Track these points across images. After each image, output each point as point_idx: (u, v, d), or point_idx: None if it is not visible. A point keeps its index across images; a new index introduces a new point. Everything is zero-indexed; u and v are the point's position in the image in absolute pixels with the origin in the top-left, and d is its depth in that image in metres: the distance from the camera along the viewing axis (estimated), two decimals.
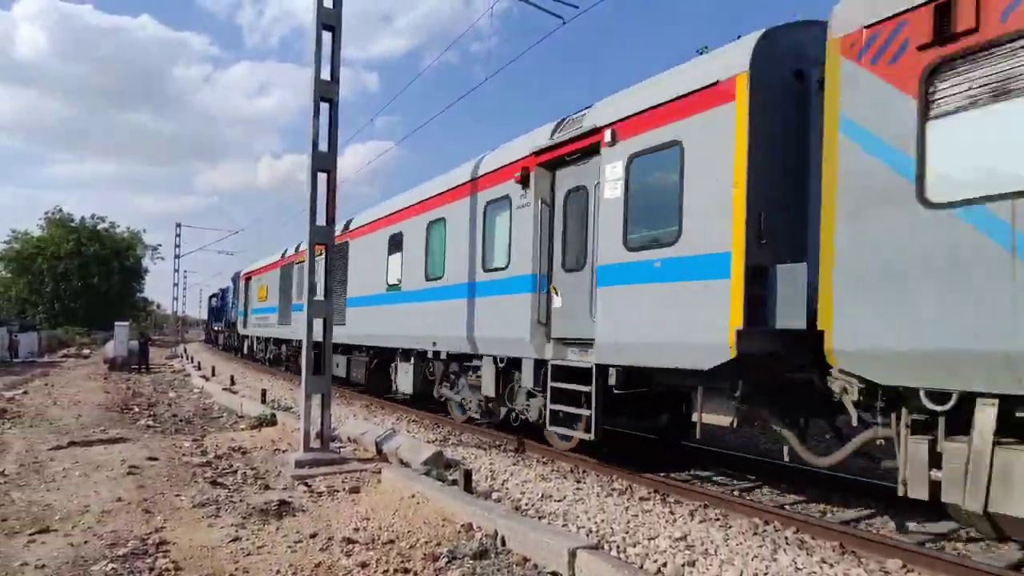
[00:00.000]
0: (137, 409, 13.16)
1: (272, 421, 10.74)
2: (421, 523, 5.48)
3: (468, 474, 6.46)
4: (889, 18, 4.62)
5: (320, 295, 8.40)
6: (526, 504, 6.26)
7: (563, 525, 5.55)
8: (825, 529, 5.47)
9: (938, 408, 4.42)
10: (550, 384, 7.80)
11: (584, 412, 7.34)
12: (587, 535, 5.25)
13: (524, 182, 8.38)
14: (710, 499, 6.46)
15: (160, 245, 65.96)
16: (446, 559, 4.70)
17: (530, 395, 8.62)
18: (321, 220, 8.14)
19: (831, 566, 4.72)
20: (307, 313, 7.99)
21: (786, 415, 6.02)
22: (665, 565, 4.71)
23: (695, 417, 6.44)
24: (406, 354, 12.03)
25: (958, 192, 4.22)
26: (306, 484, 6.83)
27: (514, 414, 9.16)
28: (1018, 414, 4.12)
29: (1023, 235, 3.90)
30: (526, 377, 8.44)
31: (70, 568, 4.46)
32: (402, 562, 4.64)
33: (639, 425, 9.20)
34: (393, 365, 12.76)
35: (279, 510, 5.85)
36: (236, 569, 4.53)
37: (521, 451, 9.09)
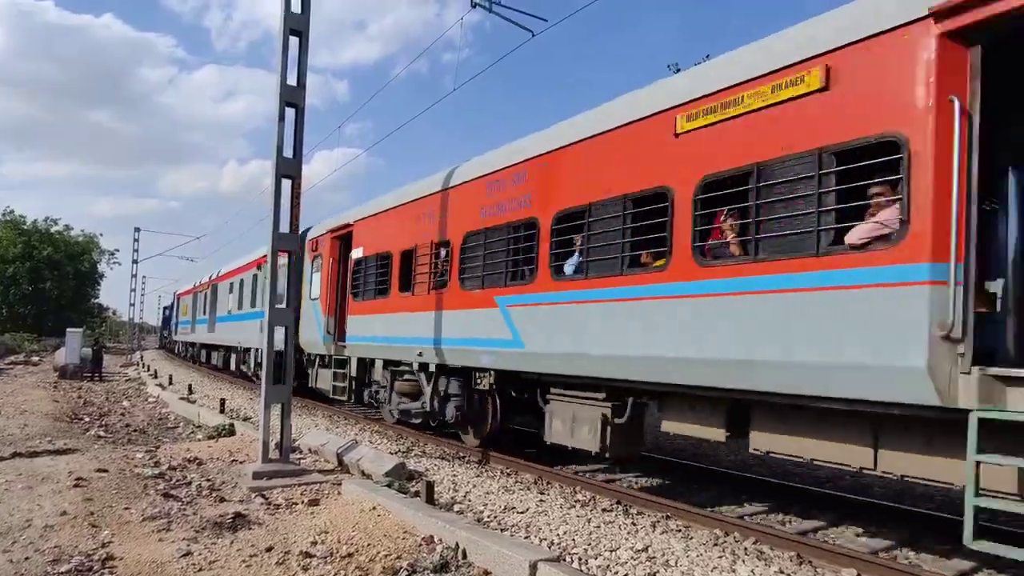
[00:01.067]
0: (87, 419, 12.70)
1: (230, 431, 10.47)
2: (382, 536, 5.39)
3: (431, 486, 6.39)
4: None
5: (283, 303, 8.24)
6: (489, 516, 6.21)
7: (525, 537, 5.52)
8: (783, 539, 5.55)
9: None
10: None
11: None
12: (549, 547, 5.23)
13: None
14: (672, 510, 6.51)
15: (118, 250, 63.92)
16: (406, 573, 4.63)
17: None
18: (285, 227, 8.01)
19: None
20: (268, 320, 7.83)
21: None
22: None
23: None
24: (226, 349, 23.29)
25: None
26: (263, 496, 6.66)
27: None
28: None
29: None
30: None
31: None
32: None
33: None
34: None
35: (234, 523, 5.68)
36: None
37: (485, 462, 9.03)
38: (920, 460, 4.63)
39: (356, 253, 12.29)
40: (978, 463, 4.01)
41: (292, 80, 7.95)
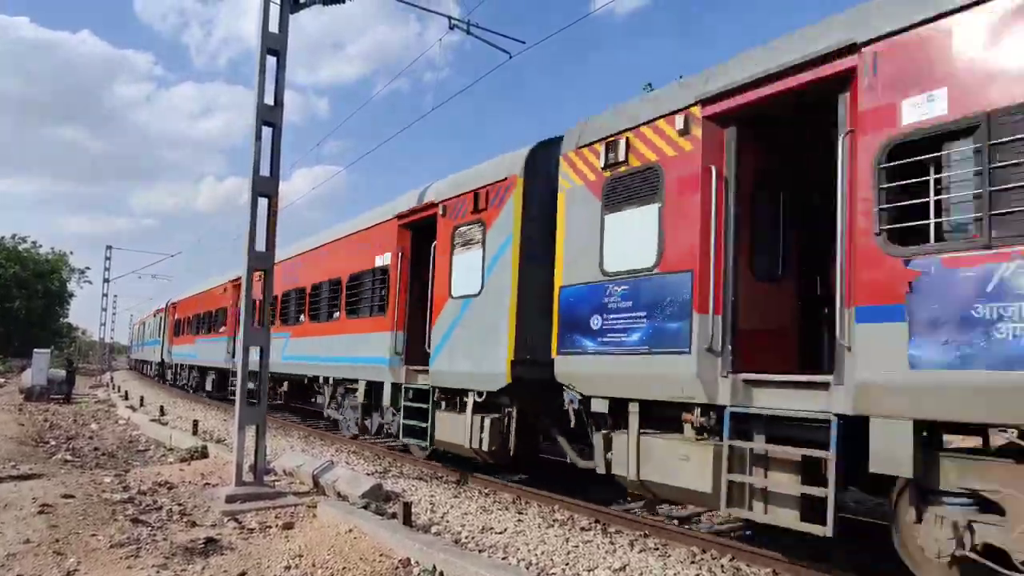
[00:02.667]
0: (54, 442, 12.35)
1: (203, 454, 10.25)
2: (357, 559, 5.31)
3: (408, 507, 6.32)
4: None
5: (258, 324, 8.14)
6: (466, 537, 6.15)
7: (503, 558, 5.48)
8: (759, 556, 5.58)
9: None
10: None
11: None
12: (527, 568, 5.19)
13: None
14: (650, 528, 6.51)
15: (88, 268, 62.71)
16: None
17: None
18: (261, 246, 7.94)
19: None
20: (243, 341, 7.72)
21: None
22: None
23: None
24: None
25: None
26: (236, 520, 6.52)
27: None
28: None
29: None
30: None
31: None
32: None
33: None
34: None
35: (205, 549, 5.55)
36: None
37: (463, 483, 8.96)
38: None
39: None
40: None
41: (269, 99, 7.93)
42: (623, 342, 6.12)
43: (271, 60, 7.96)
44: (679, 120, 5.82)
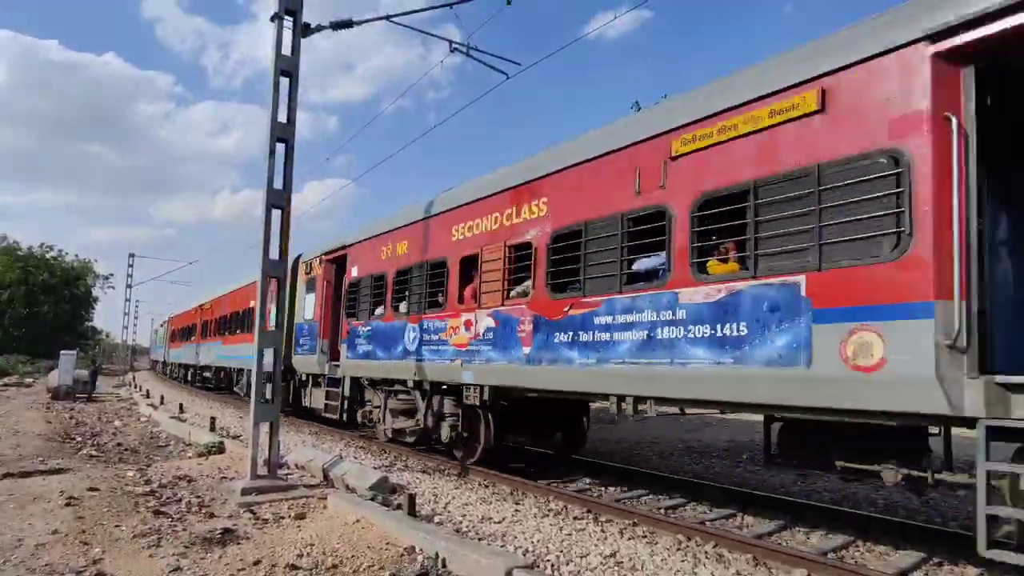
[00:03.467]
0: (80, 439, 12.31)
1: (220, 449, 10.23)
2: (365, 547, 5.31)
3: (412, 498, 6.32)
4: None
5: (272, 326, 8.16)
6: (467, 526, 6.16)
7: (501, 546, 5.49)
8: (741, 543, 5.60)
9: None
10: None
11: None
12: (524, 555, 5.20)
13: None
14: (639, 517, 6.53)
15: (112, 275, 62.52)
16: None
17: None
18: (274, 254, 7.96)
19: None
20: (257, 343, 7.74)
21: None
22: None
23: None
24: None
25: None
26: (252, 511, 6.52)
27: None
28: None
29: None
30: None
31: None
32: None
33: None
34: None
35: (223, 538, 5.56)
36: None
37: (464, 475, 8.96)
38: None
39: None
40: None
41: (282, 117, 7.98)
42: None
43: (284, 81, 8.00)
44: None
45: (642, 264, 6.06)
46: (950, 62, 4.07)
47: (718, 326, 5.18)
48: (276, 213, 7.93)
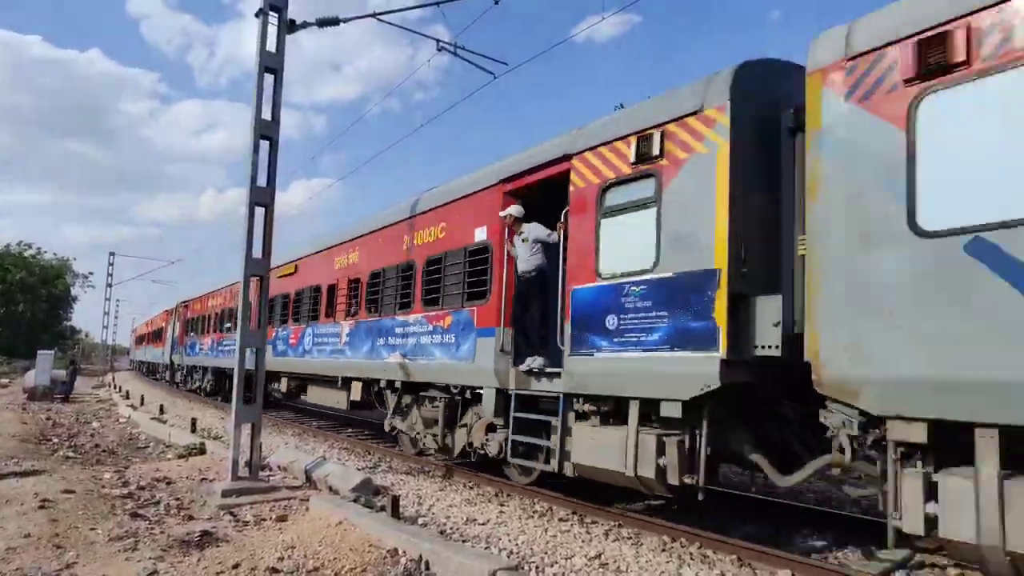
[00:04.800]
0: (56, 440, 12.05)
1: (201, 450, 10.06)
2: (348, 550, 5.23)
3: (396, 500, 6.25)
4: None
5: (255, 325, 8.04)
6: (451, 528, 6.10)
7: (485, 548, 5.44)
8: (725, 544, 5.60)
9: None
10: None
11: None
12: (508, 556, 5.16)
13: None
14: (624, 519, 6.51)
15: (92, 273, 61.58)
16: None
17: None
18: (258, 253, 7.85)
19: None
20: (239, 342, 7.62)
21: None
22: None
23: None
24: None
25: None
26: (232, 513, 6.41)
27: None
28: None
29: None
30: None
31: None
32: None
33: None
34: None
35: (201, 541, 5.45)
36: None
37: (449, 477, 8.90)
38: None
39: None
40: None
41: (267, 115, 7.87)
42: None
43: (268, 78, 7.91)
44: None
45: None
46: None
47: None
48: (259, 212, 7.83)
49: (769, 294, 5.09)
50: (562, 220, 6.97)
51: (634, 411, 5.72)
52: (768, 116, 5.39)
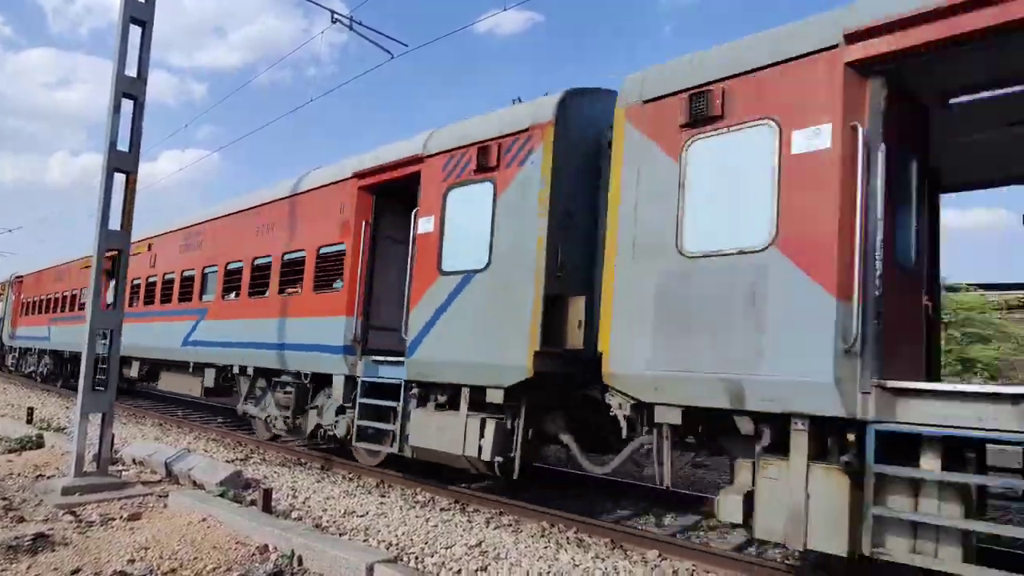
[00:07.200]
0: None
1: (38, 443, 8.90)
2: (210, 548, 4.85)
3: (268, 493, 5.90)
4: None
5: (110, 305, 7.22)
6: (328, 521, 5.86)
7: (364, 540, 5.28)
8: (599, 528, 5.85)
9: None
10: None
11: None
12: (387, 549, 5.05)
13: None
14: (504, 506, 6.60)
15: None
16: None
17: None
18: (115, 224, 7.03)
19: (603, 560, 5.04)
20: (90, 323, 6.80)
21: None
22: (460, 572, 4.68)
23: None
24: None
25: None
26: (73, 513, 5.72)
27: None
28: None
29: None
30: None
31: None
32: None
33: None
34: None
35: (34, 545, 4.80)
36: None
37: (328, 468, 8.56)
38: None
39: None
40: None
41: (132, 71, 7.06)
42: None
43: (135, 29, 7.08)
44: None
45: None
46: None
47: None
48: (119, 178, 7.02)
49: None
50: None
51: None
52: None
